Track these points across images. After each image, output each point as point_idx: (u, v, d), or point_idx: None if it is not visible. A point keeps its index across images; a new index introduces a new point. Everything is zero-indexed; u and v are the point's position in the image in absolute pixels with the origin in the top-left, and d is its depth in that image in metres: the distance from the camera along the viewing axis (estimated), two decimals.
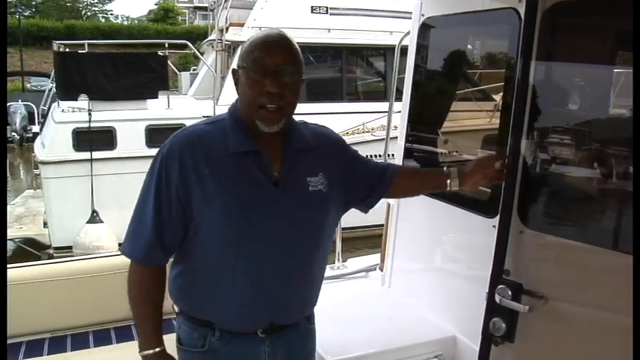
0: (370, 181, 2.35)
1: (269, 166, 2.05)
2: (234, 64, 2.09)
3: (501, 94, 2.84)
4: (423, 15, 3.28)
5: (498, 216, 2.39)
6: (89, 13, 46.59)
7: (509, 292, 2.27)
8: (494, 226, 2.45)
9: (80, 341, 3.79)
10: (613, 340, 2.16)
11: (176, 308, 2.21)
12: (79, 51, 11.24)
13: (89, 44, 11.52)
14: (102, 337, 3.85)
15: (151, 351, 2.09)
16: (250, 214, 2.01)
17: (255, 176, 2.02)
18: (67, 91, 10.28)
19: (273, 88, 1.95)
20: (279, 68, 1.96)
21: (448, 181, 2.37)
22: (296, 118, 2.20)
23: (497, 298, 2.29)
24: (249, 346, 2.14)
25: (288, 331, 2.20)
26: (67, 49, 11.54)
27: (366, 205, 2.41)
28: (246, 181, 2.02)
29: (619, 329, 2.13)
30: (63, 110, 10.22)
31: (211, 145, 2.02)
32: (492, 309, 2.33)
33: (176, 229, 2.04)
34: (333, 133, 2.36)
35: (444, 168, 2.43)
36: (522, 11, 2.39)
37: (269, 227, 2.04)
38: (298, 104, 2.09)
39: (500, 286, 2.30)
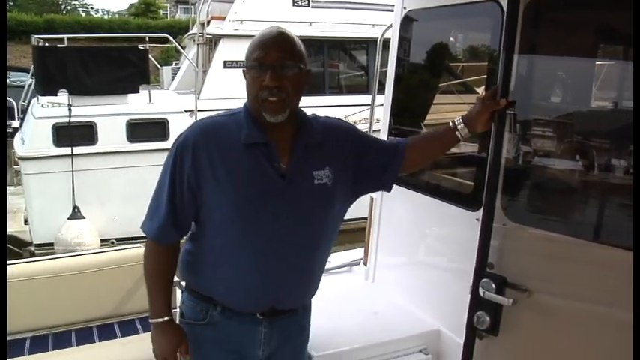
0: (382, 163, 2.40)
1: (277, 158, 2.16)
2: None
3: (483, 86, 2.84)
4: (405, 8, 3.27)
5: (481, 209, 2.40)
6: (69, 7, 46.08)
7: (493, 286, 2.28)
8: (477, 220, 2.45)
9: (62, 340, 3.76)
10: (597, 331, 2.17)
11: (183, 284, 2.41)
12: (59, 45, 11.09)
13: (69, 39, 11.34)
14: (84, 336, 3.82)
15: (160, 319, 2.28)
16: (257, 206, 2.14)
17: (263, 168, 2.14)
18: (46, 86, 10.14)
19: (271, 82, 2.06)
20: (276, 63, 2.08)
21: (457, 134, 2.40)
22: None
23: (481, 291, 2.30)
24: (248, 324, 2.30)
25: (287, 316, 2.34)
26: (47, 44, 11.39)
27: (382, 187, 2.50)
28: (254, 173, 2.14)
29: (602, 321, 2.14)
30: (43, 105, 10.09)
31: (225, 137, 2.16)
32: (476, 302, 2.34)
33: (188, 212, 2.21)
34: (343, 124, 2.45)
35: (449, 122, 2.44)
36: (505, 4, 2.39)
37: (275, 218, 2.16)
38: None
39: (484, 280, 2.30)
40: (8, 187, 12.52)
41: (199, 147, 2.12)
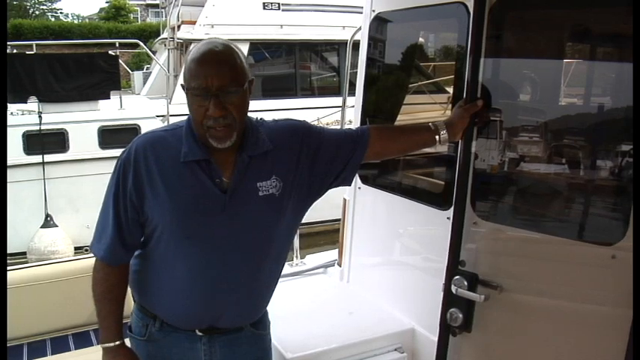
0: (340, 158, 2.27)
1: (218, 173, 2.07)
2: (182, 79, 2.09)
3: (452, 87, 2.87)
4: (373, 10, 3.29)
5: (452, 208, 2.42)
6: (37, 12, 45.47)
7: (465, 283, 2.30)
8: (448, 218, 2.48)
9: (37, 349, 3.72)
10: (567, 327, 2.21)
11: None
12: (27, 52, 10.99)
13: (37, 45, 11.25)
14: (60, 344, 3.78)
15: (111, 344, 2.19)
16: (196, 222, 2.07)
17: (203, 184, 2.06)
18: (15, 93, 10.01)
19: (217, 112, 1.95)
20: (220, 91, 1.96)
21: (437, 137, 2.34)
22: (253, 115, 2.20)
23: (453, 288, 2.32)
24: (187, 342, 2.22)
25: (230, 333, 2.25)
26: (15, 50, 11.28)
27: (342, 182, 2.33)
28: (194, 189, 2.06)
29: (572, 317, 2.18)
30: (12, 113, 9.97)
31: (165, 152, 2.07)
32: (449, 300, 2.36)
33: (133, 229, 2.12)
34: (293, 125, 2.29)
35: (429, 124, 2.38)
36: (471, 5, 2.42)
37: (214, 235, 2.08)
38: (253, 102, 2.10)
39: (456, 277, 2.33)
40: None
41: (140, 163, 2.04)
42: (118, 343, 2.19)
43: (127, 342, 2.28)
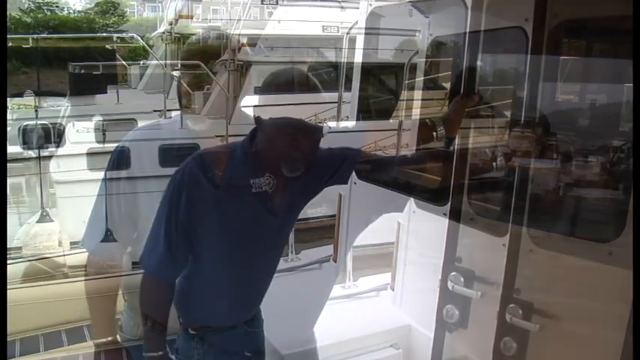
0: (337, 156, 2.33)
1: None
2: None
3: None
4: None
5: (449, 204, 2.41)
6: (33, 6, 45.38)
7: (462, 279, 2.29)
8: (445, 214, 2.47)
9: (30, 345, 3.71)
10: (563, 322, 2.19)
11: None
12: (24, 46, 10.95)
13: (33, 39, 11.20)
14: (53, 340, 3.77)
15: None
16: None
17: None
18: (12, 87, 10.01)
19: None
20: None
21: (434, 134, 2.39)
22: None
23: (450, 285, 2.32)
24: (178, 341, 2.27)
25: (222, 331, 2.27)
26: (11, 44, 11.23)
27: (339, 179, 2.39)
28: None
29: (568, 312, 2.17)
30: (9, 108, 9.94)
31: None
32: (446, 296, 2.36)
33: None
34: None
35: (426, 120, 2.45)
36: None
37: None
38: (249, 97, 2.12)
39: (452, 273, 2.32)
40: None
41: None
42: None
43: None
